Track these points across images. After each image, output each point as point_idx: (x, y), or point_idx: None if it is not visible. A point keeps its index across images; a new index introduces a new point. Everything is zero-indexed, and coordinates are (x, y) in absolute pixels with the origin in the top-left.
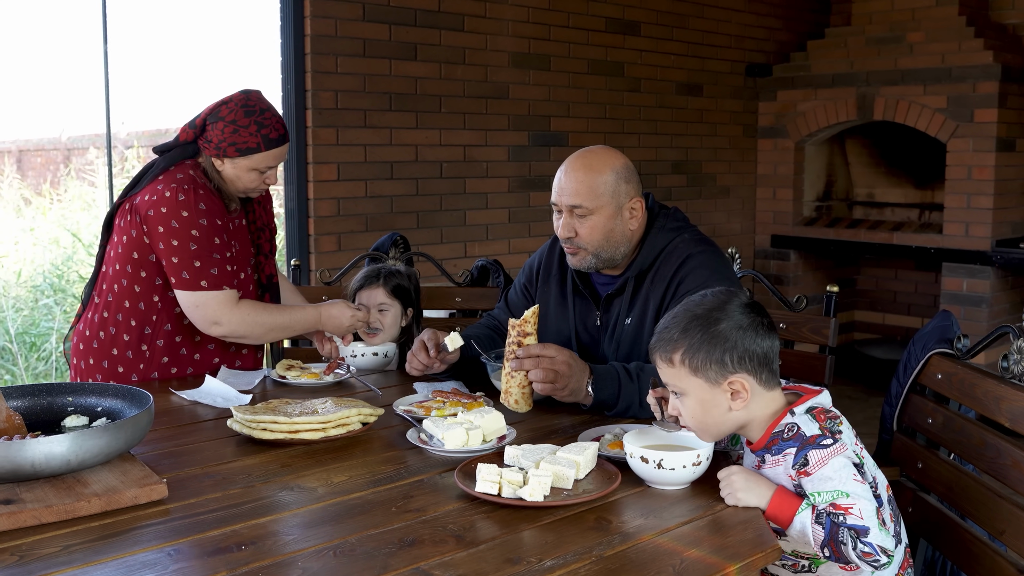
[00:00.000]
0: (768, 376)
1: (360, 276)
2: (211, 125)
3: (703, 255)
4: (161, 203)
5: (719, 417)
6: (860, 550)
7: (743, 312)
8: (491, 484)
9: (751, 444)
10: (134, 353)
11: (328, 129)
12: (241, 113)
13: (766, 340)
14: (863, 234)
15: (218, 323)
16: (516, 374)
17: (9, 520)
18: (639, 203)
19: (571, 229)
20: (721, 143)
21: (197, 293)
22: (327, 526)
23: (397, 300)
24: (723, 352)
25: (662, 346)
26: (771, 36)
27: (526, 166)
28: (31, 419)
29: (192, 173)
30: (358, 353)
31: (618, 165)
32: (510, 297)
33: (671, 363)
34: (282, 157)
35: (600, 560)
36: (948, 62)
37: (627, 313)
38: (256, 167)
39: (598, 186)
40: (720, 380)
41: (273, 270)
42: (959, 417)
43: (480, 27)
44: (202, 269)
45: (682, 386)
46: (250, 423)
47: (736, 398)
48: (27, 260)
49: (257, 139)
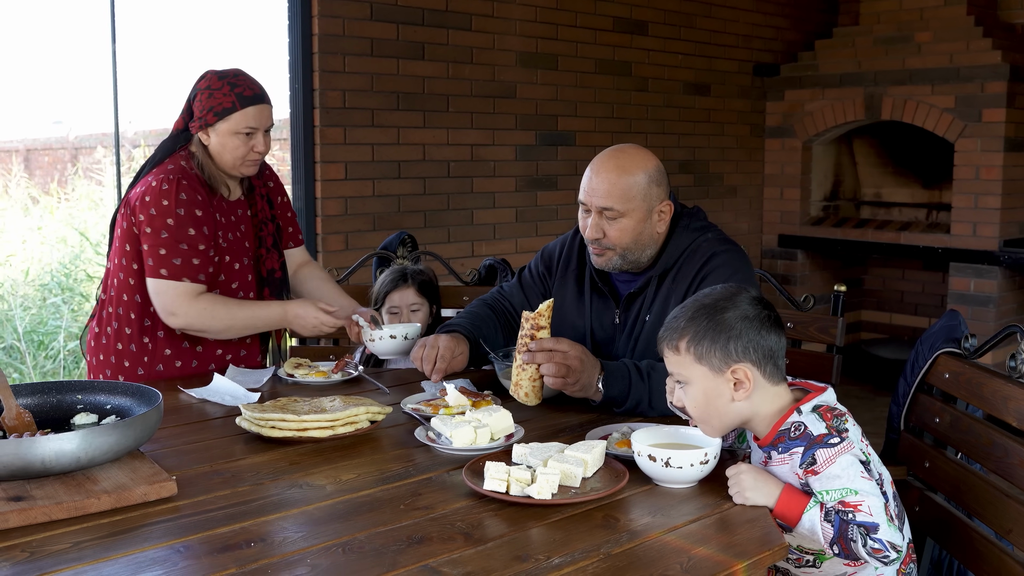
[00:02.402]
0: (773, 370)
1: (387, 279)
2: (194, 103)
3: (727, 254)
4: (147, 193)
5: (722, 408)
6: (870, 547)
7: (751, 304)
8: (499, 482)
9: (757, 440)
10: (137, 346)
11: (336, 128)
12: (215, 79)
13: (772, 334)
14: (870, 234)
15: (174, 314)
16: (528, 367)
17: (20, 517)
18: (668, 206)
19: (600, 231)
20: (728, 143)
21: (157, 281)
22: (336, 523)
23: (426, 298)
24: (728, 340)
25: (669, 334)
26: (779, 36)
27: (533, 165)
28: (41, 417)
29: (183, 163)
30: (383, 336)
31: (650, 167)
32: (524, 279)
33: (677, 351)
34: (263, 120)
35: (608, 558)
36: (956, 62)
37: (648, 311)
38: (236, 130)
39: (630, 188)
40: (723, 368)
41: (275, 264)
42: (966, 416)
43: (488, 26)
44: (165, 258)
45: (687, 374)
46: (259, 421)
47: (739, 388)
48: (35, 259)
49: (231, 98)
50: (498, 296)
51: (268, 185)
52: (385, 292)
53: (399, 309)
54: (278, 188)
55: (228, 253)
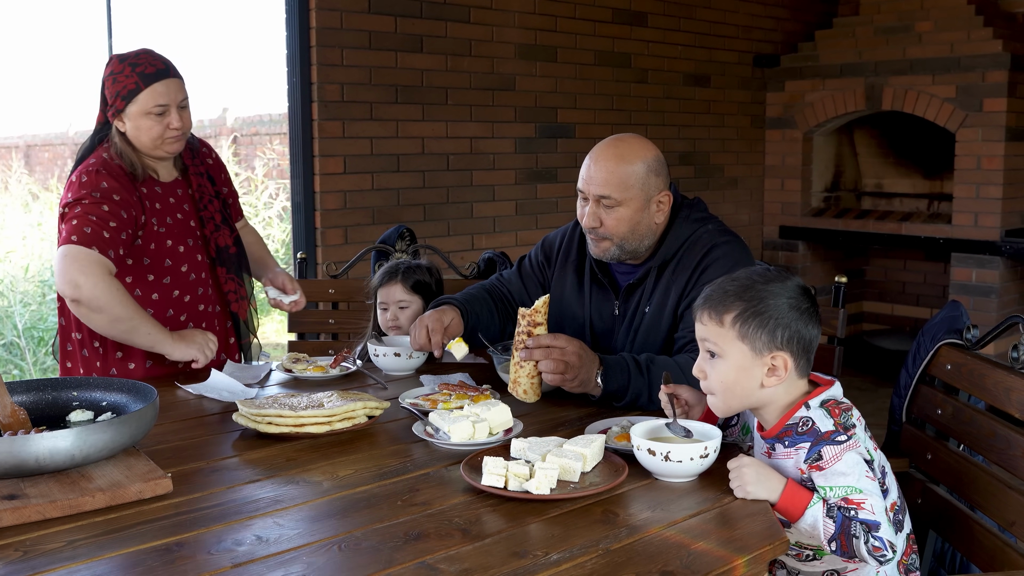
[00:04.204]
0: (804, 364)
1: (379, 273)
2: (105, 93)
3: (727, 245)
4: (68, 189)
5: (748, 388)
6: (871, 544)
7: (802, 296)
8: (497, 477)
9: (762, 430)
10: (90, 352)
11: (334, 122)
12: (117, 62)
13: (813, 329)
14: (872, 225)
15: (79, 285)
16: (525, 364)
17: (13, 515)
18: (667, 196)
19: (597, 219)
20: (729, 134)
21: (67, 247)
22: (332, 520)
23: (418, 296)
24: (776, 326)
25: (714, 304)
26: (779, 26)
27: (533, 158)
28: (36, 414)
29: (104, 156)
30: (387, 353)
31: (649, 157)
32: (523, 269)
33: (720, 323)
34: (172, 95)
35: (607, 553)
36: (957, 51)
37: (647, 302)
38: (146, 110)
39: (628, 177)
40: (764, 353)
41: (228, 240)
42: (968, 408)
43: (486, 18)
44: (77, 227)
45: (724, 348)
46: (255, 417)
47: (772, 374)
48: (35, 255)
49: (134, 79)
50: (496, 283)
51: (207, 162)
52: (376, 287)
53: (387, 305)
54: (218, 164)
55: (170, 237)
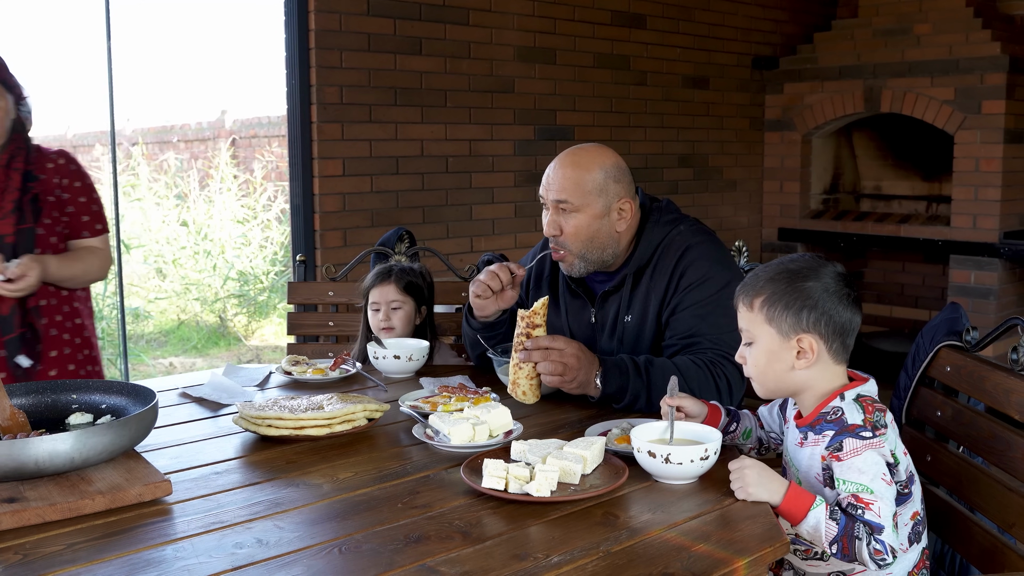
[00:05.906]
0: (840, 348)
1: (372, 274)
2: None
3: (702, 246)
4: None
5: (781, 372)
6: (872, 547)
7: (834, 278)
8: (498, 480)
9: (799, 419)
10: None
11: (333, 124)
12: None
13: (847, 311)
14: (870, 227)
15: None
16: (524, 365)
17: (13, 519)
18: (628, 204)
19: (556, 226)
20: (728, 136)
21: None
22: (332, 523)
23: (410, 297)
24: (801, 308)
25: (746, 290)
26: (777, 28)
27: (532, 160)
28: (35, 417)
29: None
30: (387, 355)
31: (608, 164)
32: None
33: (751, 308)
34: None
35: (607, 555)
36: (955, 53)
37: (627, 310)
38: None
39: (585, 183)
40: (791, 335)
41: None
42: (968, 410)
43: (485, 21)
44: None
45: (755, 332)
46: (255, 419)
47: (801, 357)
48: None
49: None
50: None
51: (46, 166)
52: (368, 287)
53: (380, 305)
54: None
55: None
